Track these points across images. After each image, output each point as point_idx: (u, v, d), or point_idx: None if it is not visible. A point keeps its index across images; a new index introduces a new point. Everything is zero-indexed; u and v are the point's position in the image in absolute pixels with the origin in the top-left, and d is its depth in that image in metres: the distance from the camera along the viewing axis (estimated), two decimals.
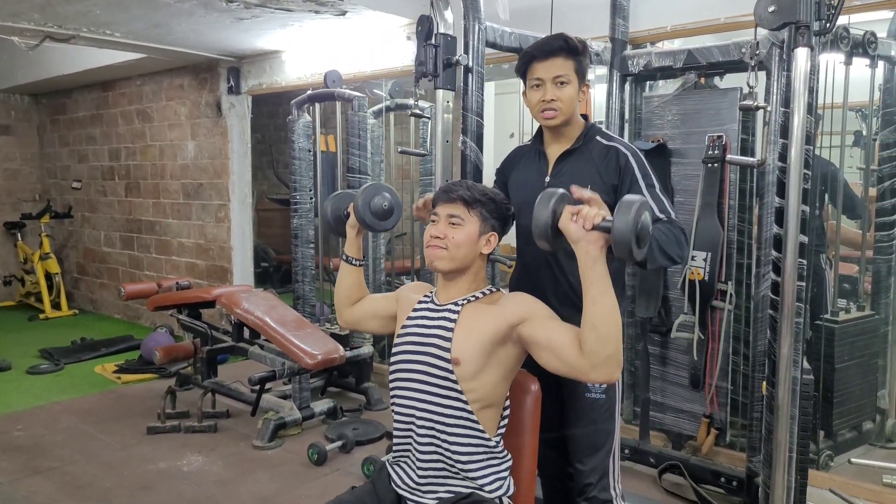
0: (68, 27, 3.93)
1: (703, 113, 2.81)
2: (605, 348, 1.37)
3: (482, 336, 1.53)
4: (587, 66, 1.84)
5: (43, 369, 4.65)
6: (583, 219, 1.36)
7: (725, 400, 2.87)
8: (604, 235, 1.35)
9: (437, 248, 1.57)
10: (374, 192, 1.81)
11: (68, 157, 6.76)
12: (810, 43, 1.79)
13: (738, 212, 2.79)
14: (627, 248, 1.32)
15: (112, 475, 3.05)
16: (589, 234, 1.36)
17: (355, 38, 4.00)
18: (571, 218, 1.38)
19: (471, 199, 1.57)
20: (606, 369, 1.38)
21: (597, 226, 1.35)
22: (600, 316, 1.37)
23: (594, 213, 1.36)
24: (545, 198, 1.42)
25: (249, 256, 5.24)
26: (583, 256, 1.38)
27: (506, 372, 1.56)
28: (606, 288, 1.37)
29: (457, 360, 1.52)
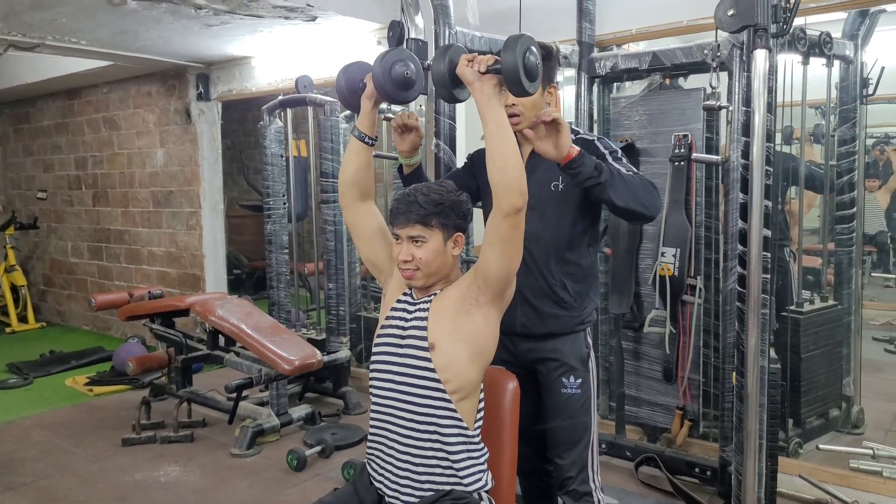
0: (33, 35, 3.87)
1: (669, 113, 2.88)
2: (505, 176, 1.47)
3: (449, 311, 1.58)
4: (552, 69, 1.88)
5: (11, 384, 4.55)
6: (477, 63, 1.48)
7: (698, 392, 2.94)
8: (497, 76, 1.47)
9: (410, 272, 1.59)
10: (395, 57, 1.63)
11: (33, 167, 6.64)
12: (768, 45, 1.86)
13: (705, 208, 2.87)
14: (517, 81, 1.44)
15: (87, 488, 3.01)
16: (483, 77, 1.48)
17: (326, 44, 4.01)
18: (467, 64, 1.49)
19: (425, 215, 1.56)
20: (509, 197, 1.47)
21: (490, 67, 1.47)
22: (497, 148, 1.47)
23: (487, 57, 1.48)
24: (441, 50, 1.55)
25: (222, 264, 5.20)
26: (479, 96, 1.48)
27: (475, 350, 1.58)
28: (501, 123, 1.48)
29: (433, 345, 1.56)
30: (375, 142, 1.73)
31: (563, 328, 1.91)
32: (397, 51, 1.66)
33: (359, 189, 1.72)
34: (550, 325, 1.90)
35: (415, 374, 1.58)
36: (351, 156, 1.72)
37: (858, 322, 3.34)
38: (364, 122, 1.69)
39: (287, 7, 3.30)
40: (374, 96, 1.67)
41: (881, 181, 5.45)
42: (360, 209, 1.73)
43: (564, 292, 1.89)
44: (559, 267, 1.88)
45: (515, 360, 1.95)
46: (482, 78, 1.47)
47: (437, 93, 1.60)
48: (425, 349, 1.57)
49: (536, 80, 1.50)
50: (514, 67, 1.43)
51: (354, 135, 1.71)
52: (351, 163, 1.72)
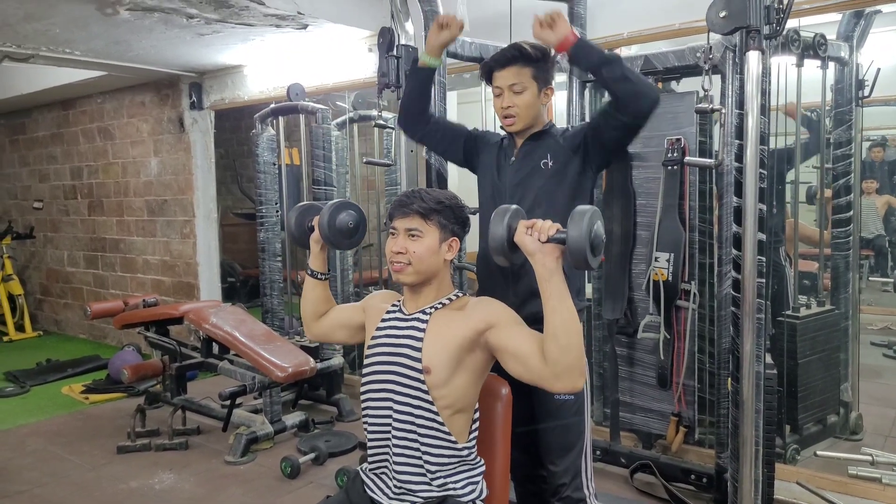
0: (27, 46, 3.87)
1: (662, 117, 2.86)
2: (567, 357, 1.38)
3: (451, 343, 1.54)
4: (550, 70, 1.90)
5: (8, 392, 4.53)
6: (538, 231, 1.40)
7: (693, 398, 2.92)
8: (559, 247, 1.38)
9: (400, 265, 1.58)
10: (340, 209, 1.78)
11: (29, 177, 6.63)
12: (761, 46, 1.86)
13: (699, 212, 2.86)
14: (583, 257, 1.35)
15: (83, 496, 2.98)
16: (544, 247, 1.39)
17: (317, 51, 4.00)
18: (526, 231, 1.41)
19: (427, 210, 1.57)
20: (569, 378, 1.40)
21: (551, 237, 1.38)
22: (561, 326, 1.39)
23: (548, 226, 1.40)
24: (499, 214, 1.46)
25: (216, 272, 5.18)
26: (540, 269, 1.40)
27: (475, 377, 1.58)
28: (564, 298, 1.39)
29: (427, 369, 1.53)
30: (329, 277, 1.83)
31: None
32: (340, 203, 1.80)
33: (319, 316, 1.84)
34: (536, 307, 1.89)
35: (405, 392, 1.56)
36: (308, 293, 1.82)
37: (856, 327, 3.32)
38: (315, 262, 1.82)
39: (278, 15, 3.30)
40: (321, 241, 1.79)
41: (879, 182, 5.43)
42: (324, 325, 1.84)
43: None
44: None
45: None
46: (544, 249, 1.39)
47: (493, 256, 1.52)
48: (418, 370, 1.54)
49: (601, 253, 1.43)
50: (581, 246, 1.34)
51: (308, 273, 1.82)
52: (309, 300, 1.83)
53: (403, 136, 2.62)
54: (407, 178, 2.61)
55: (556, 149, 1.91)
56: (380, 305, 1.71)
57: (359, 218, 1.81)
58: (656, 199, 2.87)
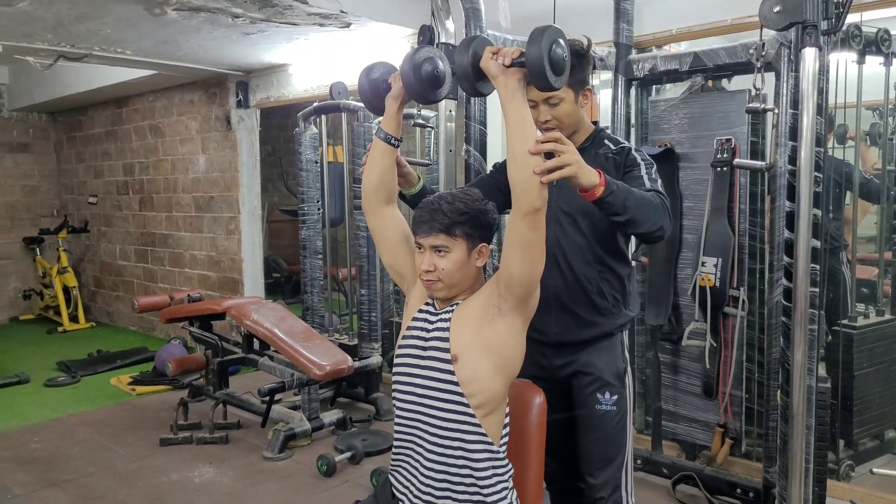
0: (80, 46, 3.98)
1: (711, 116, 2.77)
2: (524, 173, 1.40)
3: (472, 321, 1.52)
4: (585, 71, 1.80)
5: (60, 381, 4.69)
6: (502, 56, 1.41)
7: (740, 409, 2.81)
8: (521, 70, 1.39)
9: (432, 283, 1.54)
10: (425, 55, 1.55)
11: (84, 173, 6.85)
12: (818, 43, 1.76)
13: (750, 216, 2.74)
14: (542, 75, 1.36)
15: (125, 487, 3.06)
16: (507, 70, 1.40)
17: (360, 50, 4.00)
18: (491, 57, 1.42)
19: (449, 225, 1.51)
20: (527, 196, 1.40)
21: (515, 60, 1.39)
22: (518, 145, 1.41)
23: (512, 50, 1.41)
24: (465, 42, 1.48)
25: (259, 268, 5.26)
26: (502, 91, 1.42)
27: (499, 362, 1.51)
28: (525, 119, 1.42)
29: (455, 357, 1.51)
30: (400, 143, 1.66)
31: (599, 333, 1.83)
32: (427, 49, 1.58)
33: (384, 193, 1.65)
34: (587, 332, 1.83)
35: (438, 387, 1.53)
36: (376, 158, 1.65)
37: None
38: (389, 124, 1.62)
39: (321, 14, 3.30)
40: (401, 96, 1.59)
41: None
42: (384, 213, 1.67)
43: (602, 298, 1.82)
44: (596, 272, 1.80)
45: (547, 375, 1.88)
46: (506, 71, 1.40)
47: (461, 86, 1.52)
48: (448, 361, 1.52)
49: (563, 73, 1.43)
50: (539, 60, 1.36)
51: (379, 136, 1.63)
52: (376, 165, 1.65)
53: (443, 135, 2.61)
54: (445, 178, 2.58)
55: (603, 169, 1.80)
56: (419, 297, 1.65)
57: (444, 67, 1.57)
58: (704, 201, 2.77)
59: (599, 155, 1.82)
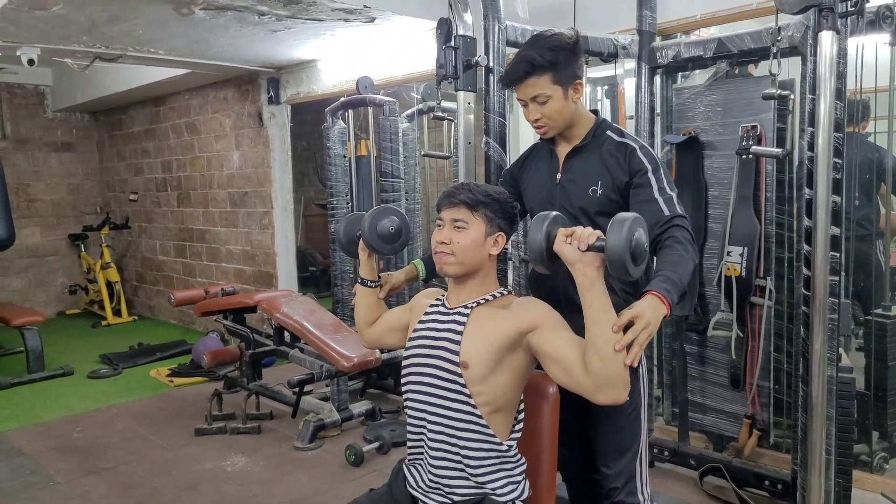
0: (115, 47, 4.11)
1: (737, 103, 2.72)
2: (608, 369, 1.35)
3: (491, 340, 1.52)
4: (573, 65, 1.76)
5: (102, 374, 4.87)
6: (577, 240, 1.36)
7: (768, 400, 2.76)
8: (599, 255, 1.34)
9: (444, 255, 1.57)
10: (381, 215, 1.81)
11: (125, 171, 7.07)
12: (835, 26, 1.72)
13: (777, 204, 2.69)
14: (623, 266, 1.31)
15: (161, 475, 3.17)
16: (584, 256, 1.36)
17: (386, 44, 4.04)
18: (565, 240, 1.38)
19: (474, 201, 1.55)
20: (611, 391, 1.37)
21: (591, 246, 1.35)
22: (602, 338, 1.35)
23: (588, 234, 1.36)
24: (538, 221, 1.43)
25: (293, 261, 5.36)
26: (580, 278, 1.37)
27: (517, 377, 1.55)
28: (607, 308, 1.36)
29: (465, 364, 1.52)
30: (378, 283, 1.84)
31: None
32: (382, 209, 1.83)
33: (371, 322, 1.85)
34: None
35: (444, 385, 1.55)
36: (360, 300, 1.84)
37: None
38: (364, 270, 1.83)
39: (345, 9, 3.34)
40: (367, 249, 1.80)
41: None
42: (375, 331, 1.85)
43: (612, 294, 1.81)
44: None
45: None
46: (583, 258, 1.37)
47: (533, 266, 1.52)
48: (456, 364, 1.53)
49: (643, 262, 1.37)
50: (621, 255, 1.30)
51: (358, 281, 1.84)
52: (361, 307, 1.85)
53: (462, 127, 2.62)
54: (465, 171, 2.58)
55: (602, 173, 1.78)
56: (424, 301, 1.71)
57: (400, 223, 1.82)
58: (730, 189, 2.73)
59: (603, 151, 1.80)
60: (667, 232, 1.65)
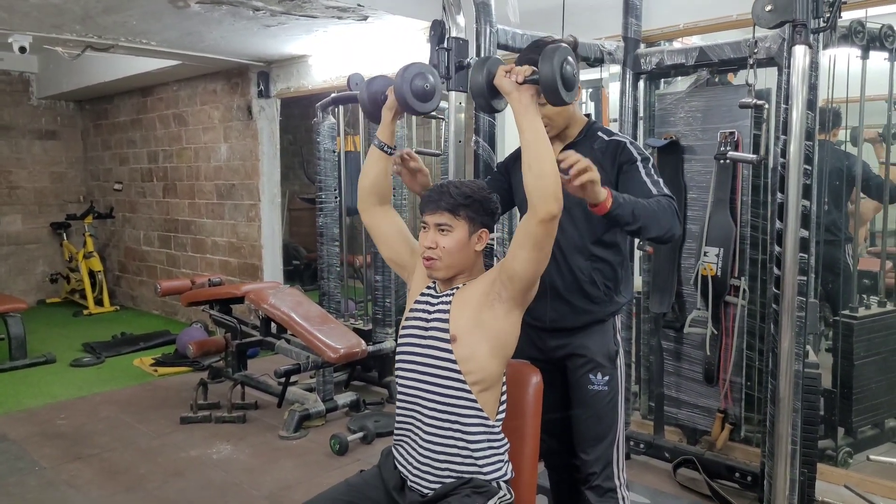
0: (107, 37, 4.13)
1: (716, 109, 2.83)
2: (541, 182, 1.49)
3: (472, 303, 1.63)
4: None
5: (85, 362, 4.88)
6: (514, 74, 1.52)
7: (740, 395, 2.88)
8: (534, 86, 1.50)
9: (431, 261, 1.65)
10: (416, 71, 1.72)
11: (110, 160, 7.05)
12: (808, 41, 1.82)
13: (752, 207, 2.80)
14: (555, 91, 1.47)
15: (147, 462, 3.21)
16: (520, 87, 1.52)
17: (378, 42, 4.10)
18: (504, 75, 1.53)
19: (454, 205, 1.62)
20: (544, 204, 1.49)
21: (527, 78, 1.51)
22: (534, 156, 1.50)
23: (524, 68, 1.52)
24: (479, 62, 1.59)
25: (279, 254, 5.40)
26: (516, 105, 1.53)
27: (497, 344, 1.62)
28: (538, 131, 1.51)
29: (454, 338, 1.61)
30: (394, 151, 1.80)
31: (592, 320, 1.92)
32: (418, 64, 1.73)
33: (377, 195, 1.82)
34: (580, 319, 1.92)
35: (437, 365, 1.64)
36: (371, 163, 1.81)
37: None
38: (384, 132, 1.78)
39: (339, 7, 3.41)
40: (395, 108, 1.76)
41: None
42: (378, 213, 1.83)
43: (594, 287, 1.91)
44: (588, 262, 1.89)
45: (543, 356, 1.98)
46: (520, 88, 1.52)
47: (475, 103, 1.65)
48: (447, 341, 1.62)
49: (574, 89, 1.54)
50: (551, 77, 1.46)
51: (375, 144, 1.79)
52: (371, 170, 1.80)
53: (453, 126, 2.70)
54: (455, 168, 2.66)
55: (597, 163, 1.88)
56: (422, 279, 1.76)
57: (435, 82, 1.75)
58: (707, 192, 2.84)
59: (594, 149, 1.89)
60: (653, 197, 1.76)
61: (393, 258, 1.84)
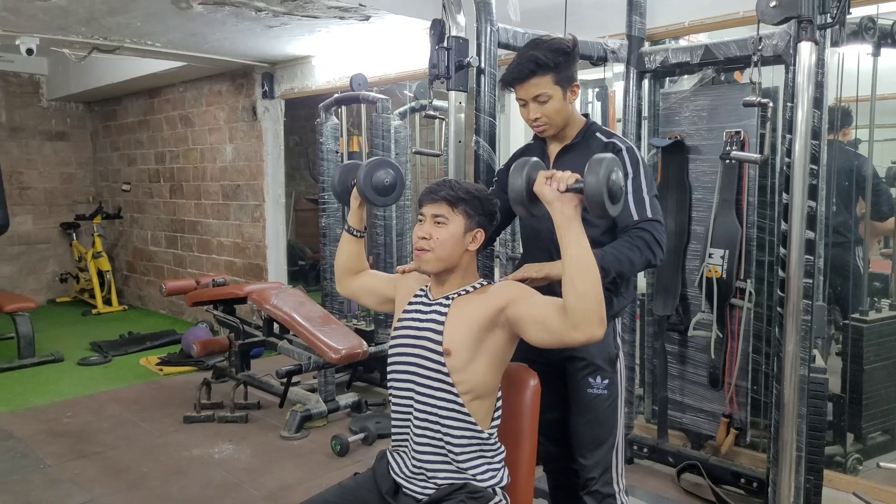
0: (112, 39, 4.14)
1: (722, 108, 2.78)
2: (584, 304, 1.40)
3: (471, 324, 1.58)
4: (572, 67, 1.84)
5: (92, 361, 4.90)
6: (556, 181, 1.44)
7: (746, 400, 2.83)
8: (577, 196, 1.42)
9: (422, 251, 1.62)
10: (377, 167, 1.80)
11: (119, 161, 7.08)
12: (813, 37, 1.78)
13: (759, 208, 2.76)
14: (600, 204, 1.38)
15: (149, 460, 3.21)
16: (563, 196, 1.43)
17: (381, 42, 4.08)
18: (545, 182, 1.45)
19: (454, 198, 1.61)
20: (587, 326, 1.40)
21: (570, 187, 1.42)
22: (578, 273, 1.41)
23: (567, 175, 1.43)
24: (519, 165, 1.51)
25: (283, 255, 5.40)
26: (558, 217, 1.44)
27: (495, 361, 1.60)
28: (583, 247, 1.43)
29: (448, 351, 1.57)
30: (364, 234, 1.88)
31: None
32: (379, 161, 1.82)
33: (351, 272, 1.89)
34: None
35: (427, 375, 1.60)
36: (342, 246, 1.89)
37: None
38: (353, 219, 1.86)
39: (340, 7, 3.39)
40: (359, 197, 1.83)
41: None
42: (354, 283, 1.90)
43: None
44: None
45: (542, 358, 1.93)
46: (562, 198, 1.43)
47: (513, 209, 1.57)
48: (439, 353, 1.58)
49: (620, 201, 1.46)
50: (597, 191, 1.38)
51: (345, 229, 1.88)
52: (342, 253, 1.89)
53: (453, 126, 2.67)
54: (455, 169, 2.63)
55: None
56: (410, 286, 1.75)
57: (396, 176, 1.82)
58: (713, 193, 2.79)
59: (592, 150, 1.86)
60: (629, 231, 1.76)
61: (379, 302, 1.88)
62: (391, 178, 1.81)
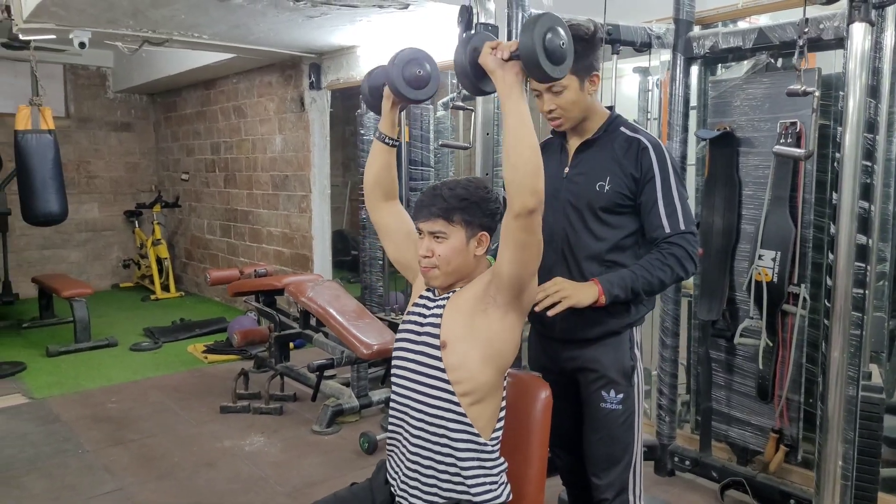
0: (160, 31, 4.20)
1: (778, 97, 2.54)
2: (515, 175, 1.37)
3: (464, 309, 1.52)
4: (591, 56, 1.71)
5: (143, 346, 5.04)
6: (500, 50, 1.37)
7: (798, 414, 2.61)
8: (519, 63, 1.35)
9: (428, 269, 1.54)
10: (409, 57, 1.61)
11: (178, 151, 7.27)
12: (868, 17, 1.57)
13: (816, 206, 2.52)
14: (536, 65, 1.31)
15: (182, 450, 3.25)
16: (505, 64, 1.36)
17: (421, 31, 3.98)
18: (490, 52, 1.38)
19: (447, 209, 1.50)
20: (518, 196, 1.36)
21: (513, 53, 1.35)
22: (513, 145, 1.37)
23: (511, 43, 1.36)
24: (465, 39, 1.45)
25: (328, 245, 5.41)
26: (500, 86, 1.37)
27: (491, 353, 1.49)
28: (521, 116, 1.36)
29: (444, 344, 1.50)
30: (397, 143, 1.70)
31: (606, 331, 1.75)
32: (412, 50, 1.62)
33: (381, 189, 1.72)
34: (593, 330, 1.75)
35: (426, 373, 1.53)
36: (373, 157, 1.72)
37: None
38: (384, 124, 1.68)
39: None
40: (392, 96, 1.64)
41: None
42: (384, 209, 1.73)
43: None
44: (603, 269, 1.72)
45: (555, 367, 1.83)
46: (504, 66, 1.36)
47: (461, 84, 1.50)
48: (437, 347, 1.52)
49: (564, 62, 1.37)
50: (531, 50, 1.30)
51: (376, 136, 1.70)
52: (373, 163, 1.71)
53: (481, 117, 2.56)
54: (482, 160, 2.53)
55: (611, 166, 1.72)
56: (420, 283, 1.65)
57: (430, 69, 1.62)
58: (765, 189, 2.57)
59: (615, 147, 1.73)
60: (660, 245, 1.65)
61: (398, 258, 1.74)
62: (424, 70, 1.62)
